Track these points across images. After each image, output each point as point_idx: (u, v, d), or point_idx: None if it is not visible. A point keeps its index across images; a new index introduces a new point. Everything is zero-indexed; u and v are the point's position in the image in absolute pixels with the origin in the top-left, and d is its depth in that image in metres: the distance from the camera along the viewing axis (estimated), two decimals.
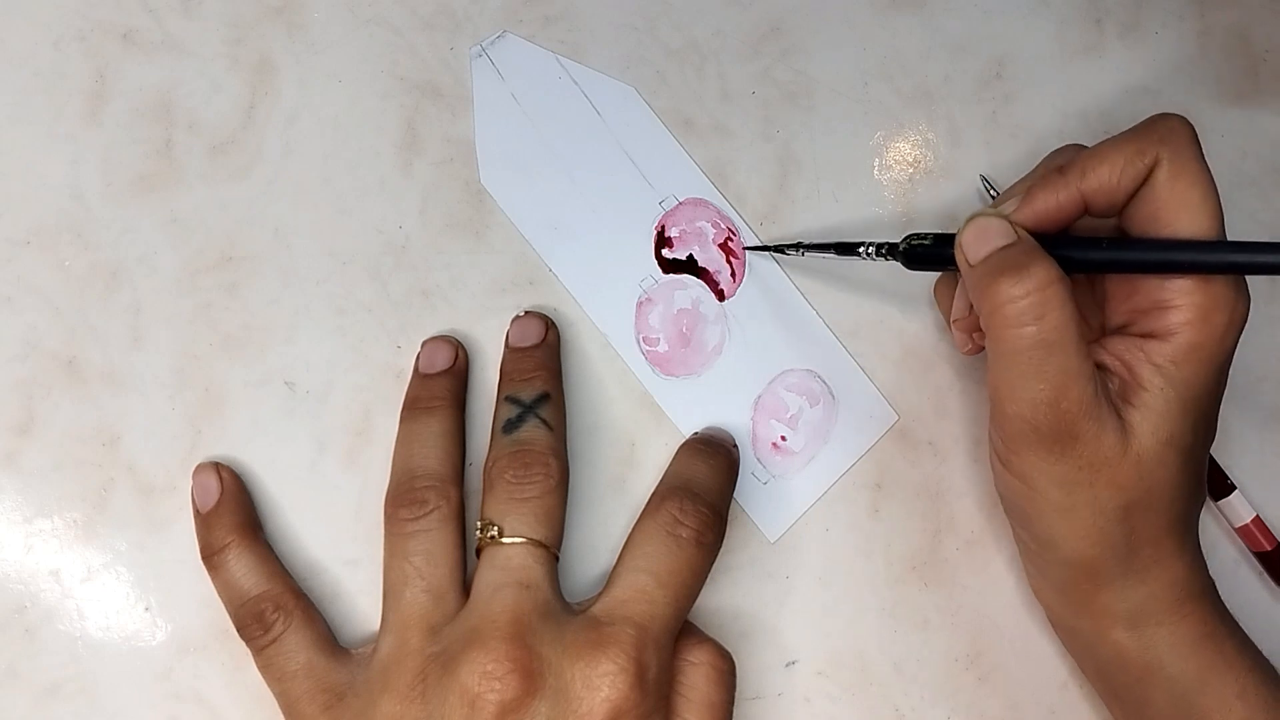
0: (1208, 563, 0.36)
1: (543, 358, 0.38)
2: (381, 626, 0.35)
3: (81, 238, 0.38)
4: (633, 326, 0.39)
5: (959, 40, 0.41)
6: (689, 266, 0.40)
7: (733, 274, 0.40)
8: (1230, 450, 0.42)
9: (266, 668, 0.35)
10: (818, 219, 0.40)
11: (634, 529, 0.35)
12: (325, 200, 0.39)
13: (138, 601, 0.37)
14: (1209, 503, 0.41)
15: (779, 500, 0.40)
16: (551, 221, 0.39)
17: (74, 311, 0.38)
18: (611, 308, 0.39)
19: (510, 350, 0.38)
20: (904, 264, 0.36)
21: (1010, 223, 0.33)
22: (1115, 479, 0.33)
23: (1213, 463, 0.41)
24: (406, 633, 0.34)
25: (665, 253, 0.40)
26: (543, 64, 0.40)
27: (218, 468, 0.37)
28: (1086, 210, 0.33)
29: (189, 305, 0.38)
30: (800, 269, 0.40)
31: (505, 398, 0.37)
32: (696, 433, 0.40)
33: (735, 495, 0.39)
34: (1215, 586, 0.36)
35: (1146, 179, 0.32)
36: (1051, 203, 0.33)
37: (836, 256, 0.38)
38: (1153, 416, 0.32)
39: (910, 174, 0.41)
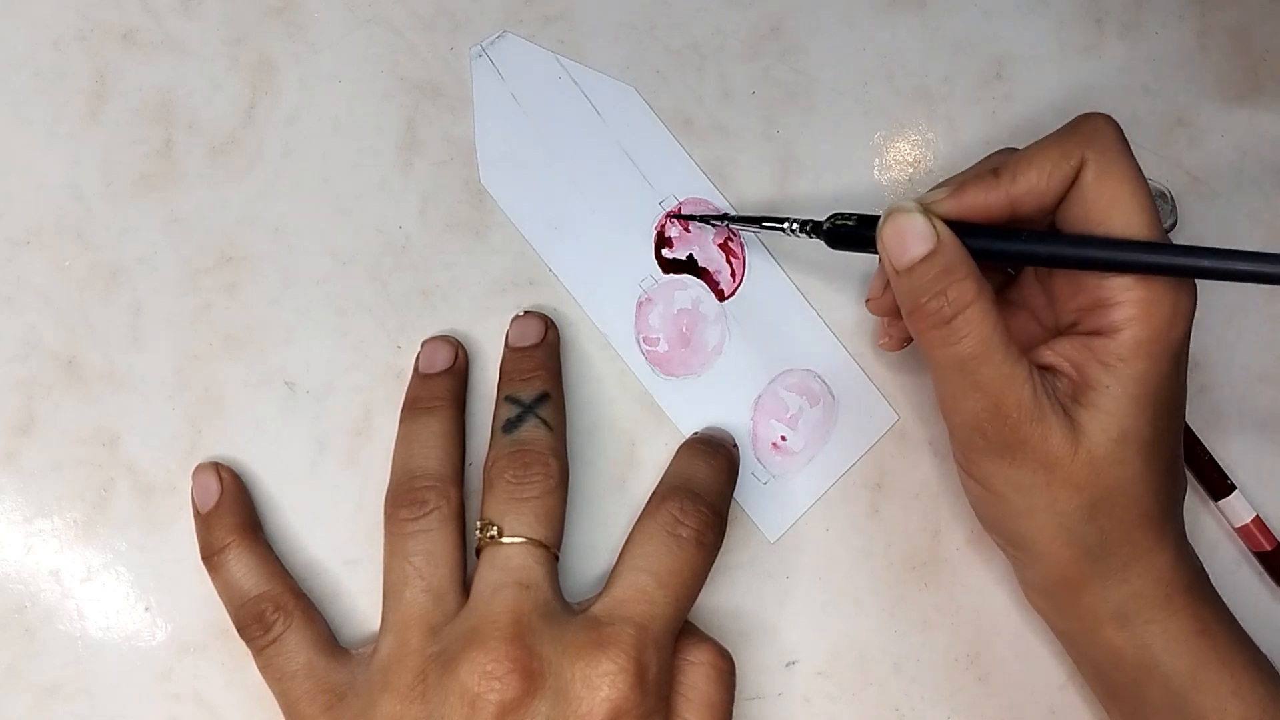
0: (1207, 563, 0.36)
1: (542, 357, 0.38)
2: (381, 626, 0.35)
3: (81, 238, 0.38)
4: (633, 326, 0.40)
5: (959, 40, 0.41)
6: (689, 266, 0.40)
7: (733, 274, 0.40)
8: (1230, 450, 0.42)
9: (266, 668, 0.35)
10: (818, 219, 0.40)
11: (634, 529, 0.35)
12: (325, 200, 0.39)
13: (138, 601, 0.37)
14: (1209, 502, 0.41)
15: (779, 500, 0.40)
16: (551, 221, 0.39)
17: (74, 311, 0.38)
18: (611, 308, 0.39)
19: (510, 350, 0.38)
20: (827, 243, 0.36)
21: (930, 220, 0.32)
22: (1070, 479, 0.33)
23: (1213, 463, 0.41)
24: (406, 633, 0.34)
25: (665, 253, 0.40)
26: (543, 64, 0.40)
27: (217, 468, 0.37)
28: (1014, 214, 0.33)
29: (189, 305, 0.38)
30: (800, 270, 0.40)
31: (505, 397, 0.37)
32: (696, 433, 0.40)
33: (735, 495, 0.39)
34: (1208, 579, 0.36)
35: (1075, 180, 0.32)
36: (979, 201, 0.33)
37: (760, 230, 0.38)
38: (1102, 415, 0.32)
39: (910, 174, 0.41)
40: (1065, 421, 0.32)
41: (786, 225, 0.37)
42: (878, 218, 0.33)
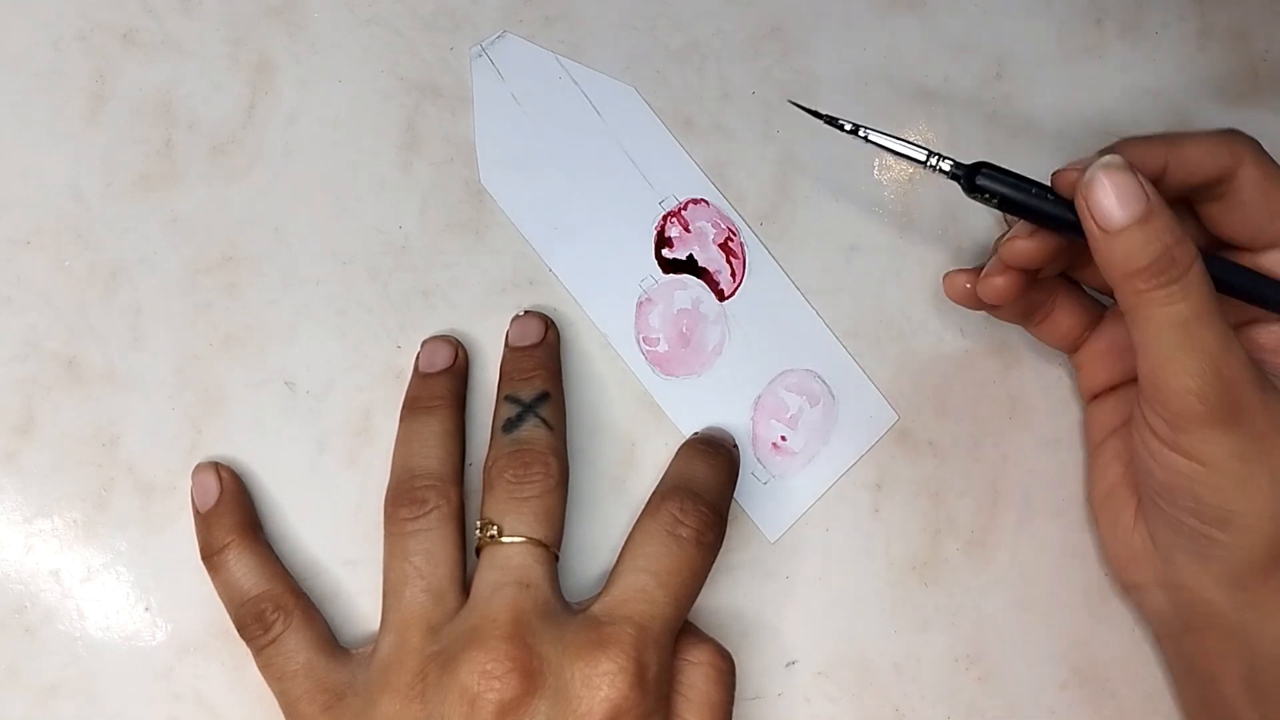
0: None
1: (542, 357, 0.38)
2: (381, 626, 0.35)
3: (81, 238, 0.38)
4: (633, 326, 0.40)
5: (959, 40, 0.41)
6: (689, 266, 0.40)
7: (733, 274, 0.40)
8: None
9: (266, 667, 0.35)
10: (818, 219, 0.40)
11: (634, 529, 0.35)
12: (325, 200, 0.39)
13: (138, 601, 0.37)
14: None
15: (779, 500, 0.40)
16: (551, 221, 0.39)
17: (74, 311, 0.38)
18: (611, 307, 0.39)
19: (510, 349, 0.38)
20: (964, 189, 0.34)
21: (1140, 178, 0.32)
22: None
23: None
24: (406, 632, 0.34)
25: (665, 252, 0.40)
26: (543, 64, 0.40)
27: (217, 467, 0.37)
28: (1164, 183, 0.33)
29: (189, 305, 0.38)
30: (800, 270, 0.40)
31: (505, 397, 0.37)
32: (697, 433, 0.40)
33: (735, 495, 0.39)
34: None
35: (1229, 178, 0.33)
36: (1137, 156, 0.33)
37: (888, 153, 0.35)
38: None
39: (910, 174, 0.41)
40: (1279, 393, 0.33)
41: (928, 159, 0.35)
42: (1042, 185, 0.33)
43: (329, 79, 0.39)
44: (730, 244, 0.40)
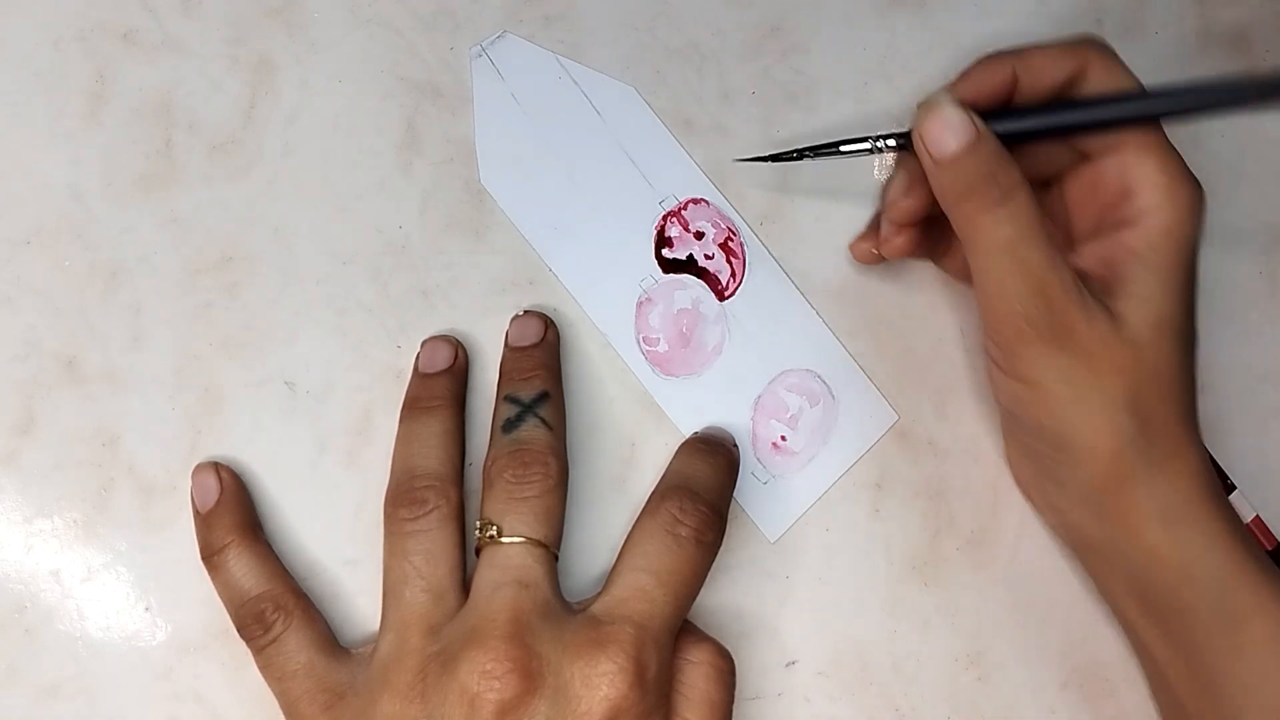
0: None
1: (542, 357, 0.38)
2: (381, 626, 0.35)
3: (81, 238, 0.38)
4: (633, 326, 0.40)
5: (959, 40, 0.41)
6: (689, 266, 0.40)
7: (733, 274, 0.40)
8: (1230, 450, 0.42)
9: (266, 667, 0.35)
10: (818, 218, 0.40)
11: (633, 528, 0.35)
12: (325, 200, 0.39)
13: (138, 601, 0.37)
14: None
15: (779, 500, 0.40)
16: (551, 221, 0.39)
17: (74, 311, 0.38)
18: (611, 307, 0.39)
19: (510, 349, 0.38)
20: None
21: (966, 111, 0.33)
22: (1116, 364, 0.33)
23: (1213, 462, 0.41)
24: (406, 632, 0.34)
25: (665, 252, 0.40)
26: (543, 64, 0.40)
27: (217, 467, 0.37)
28: (1016, 97, 0.35)
29: (189, 305, 0.38)
30: (800, 269, 0.40)
31: (504, 397, 0.37)
32: (696, 432, 0.40)
33: (735, 495, 0.39)
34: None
35: (1076, 79, 0.34)
36: (985, 80, 0.35)
37: (843, 156, 0.38)
38: (1138, 302, 0.33)
39: None
40: (1106, 311, 0.33)
41: (873, 144, 0.37)
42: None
43: (329, 79, 0.39)
44: (730, 244, 0.40)
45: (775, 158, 0.38)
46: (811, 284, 0.40)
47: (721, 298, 0.40)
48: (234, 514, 0.36)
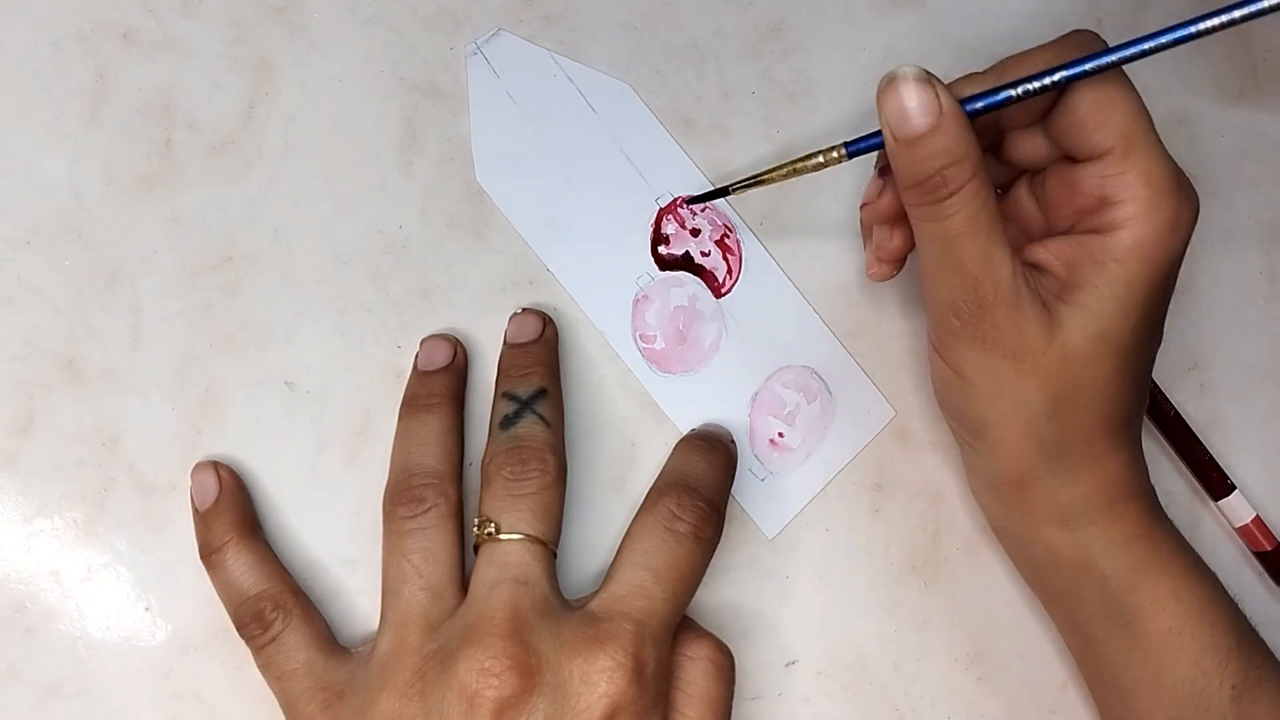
0: (1207, 561, 0.36)
1: (540, 354, 0.38)
2: (380, 624, 0.35)
3: (81, 238, 0.38)
4: (630, 324, 0.40)
5: (959, 40, 0.42)
6: (685, 264, 0.40)
7: (729, 271, 0.40)
8: (1230, 450, 0.42)
9: (266, 666, 0.35)
10: (818, 219, 0.40)
11: (631, 524, 0.35)
12: (325, 200, 0.39)
13: (138, 601, 0.37)
14: (1209, 502, 0.41)
15: (776, 496, 0.40)
16: (548, 219, 0.39)
17: (74, 311, 0.38)
18: (608, 306, 0.39)
19: (508, 346, 0.38)
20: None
21: (934, 90, 0.31)
22: (1039, 371, 0.33)
23: (1213, 462, 0.41)
24: (405, 630, 0.34)
25: (662, 250, 0.40)
26: (538, 61, 0.40)
27: (216, 466, 0.37)
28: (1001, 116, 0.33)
29: (189, 305, 0.38)
30: (797, 266, 0.40)
31: (503, 394, 0.37)
32: (694, 429, 0.39)
33: (733, 492, 0.39)
34: (1155, 493, 0.36)
35: (1067, 86, 0.32)
36: (975, 88, 0.33)
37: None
38: (1083, 313, 0.32)
39: None
40: (1043, 314, 0.32)
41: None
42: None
43: (329, 79, 0.39)
44: (726, 240, 0.40)
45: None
46: (808, 280, 0.40)
47: (718, 295, 0.40)
48: (233, 513, 0.36)
